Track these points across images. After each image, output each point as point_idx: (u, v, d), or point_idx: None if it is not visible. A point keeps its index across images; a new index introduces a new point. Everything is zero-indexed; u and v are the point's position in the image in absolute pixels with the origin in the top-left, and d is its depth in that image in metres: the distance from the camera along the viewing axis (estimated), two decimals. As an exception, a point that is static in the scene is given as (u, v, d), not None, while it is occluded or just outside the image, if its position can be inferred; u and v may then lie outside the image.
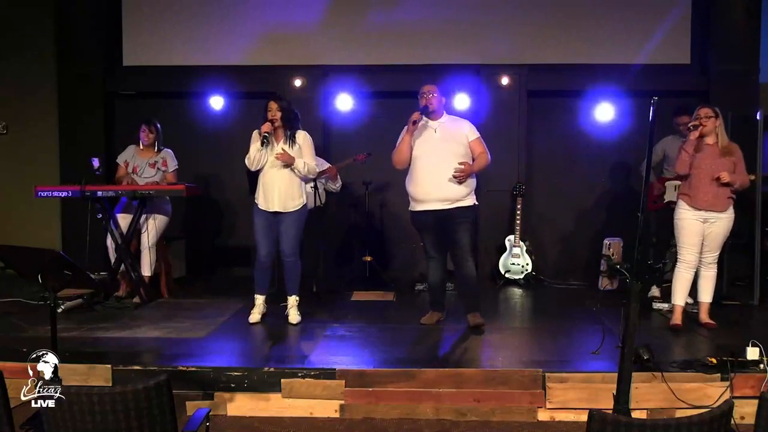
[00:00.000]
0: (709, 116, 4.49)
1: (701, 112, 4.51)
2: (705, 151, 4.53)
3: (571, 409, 3.62)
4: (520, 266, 6.34)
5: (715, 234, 4.58)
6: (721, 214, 4.54)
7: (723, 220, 4.56)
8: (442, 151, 4.51)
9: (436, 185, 4.49)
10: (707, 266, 4.65)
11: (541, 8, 6.67)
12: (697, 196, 4.53)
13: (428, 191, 4.52)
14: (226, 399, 3.70)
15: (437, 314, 4.82)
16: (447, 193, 4.49)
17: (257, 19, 6.79)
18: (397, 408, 3.66)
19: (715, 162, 4.49)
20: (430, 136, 4.59)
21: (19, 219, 6.94)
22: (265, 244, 4.73)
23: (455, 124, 4.67)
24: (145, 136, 5.47)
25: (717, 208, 4.52)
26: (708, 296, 4.69)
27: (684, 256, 4.60)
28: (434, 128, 4.61)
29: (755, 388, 3.60)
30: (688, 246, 4.59)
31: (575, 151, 6.82)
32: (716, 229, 4.56)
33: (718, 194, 4.51)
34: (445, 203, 4.51)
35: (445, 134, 4.58)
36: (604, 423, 1.88)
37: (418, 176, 4.56)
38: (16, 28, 7.00)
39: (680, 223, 4.61)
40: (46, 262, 2.96)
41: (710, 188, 4.49)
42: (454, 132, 4.59)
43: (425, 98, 4.60)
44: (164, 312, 5.20)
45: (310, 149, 4.75)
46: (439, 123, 4.63)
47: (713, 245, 4.61)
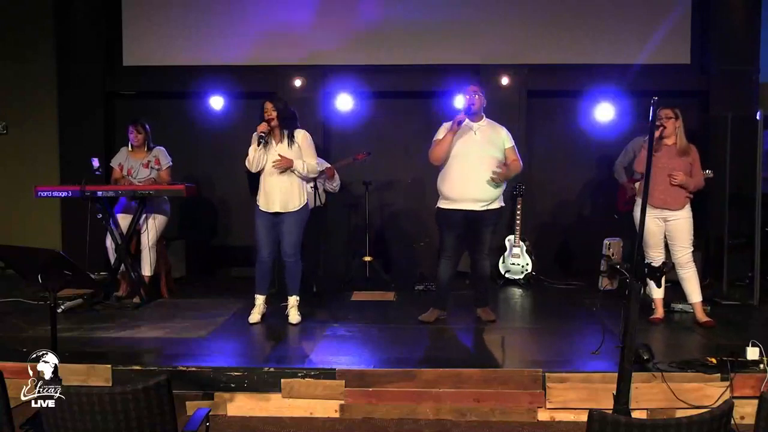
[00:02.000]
0: (669, 117, 4.55)
1: (662, 113, 4.54)
2: (663, 150, 4.58)
3: (571, 409, 3.62)
4: (520, 266, 6.34)
5: (677, 230, 4.61)
6: (677, 212, 4.58)
7: (681, 219, 4.60)
8: (481, 153, 4.55)
9: (472, 186, 4.54)
10: (684, 266, 4.65)
11: (541, 8, 6.67)
12: (653, 194, 4.51)
13: (463, 191, 4.56)
14: (226, 399, 3.70)
15: (438, 311, 4.84)
16: (481, 195, 4.56)
17: (257, 19, 6.79)
18: (397, 408, 3.66)
19: (671, 161, 4.54)
20: (469, 138, 4.61)
21: (19, 219, 6.93)
22: (266, 244, 4.73)
23: (494, 128, 4.72)
24: (134, 136, 5.46)
25: (671, 206, 4.57)
26: (696, 296, 4.69)
27: (649, 255, 4.66)
28: (474, 130, 4.63)
29: (755, 388, 3.60)
30: (649, 247, 4.66)
31: (575, 151, 6.83)
32: (676, 225, 4.60)
33: (671, 193, 4.55)
34: (477, 204, 4.57)
35: (484, 137, 4.62)
36: (604, 423, 1.88)
37: (455, 175, 4.58)
38: (16, 28, 6.99)
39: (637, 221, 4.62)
40: (46, 262, 2.96)
41: (665, 186, 4.54)
42: (493, 136, 4.65)
43: (469, 97, 4.63)
44: (164, 312, 5.20)
45: (310, 148, 4.74)
46: (478, 125, 4.66)
47: (679, 243, 4.62)
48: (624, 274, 2.97)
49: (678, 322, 4.88)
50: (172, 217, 5.73)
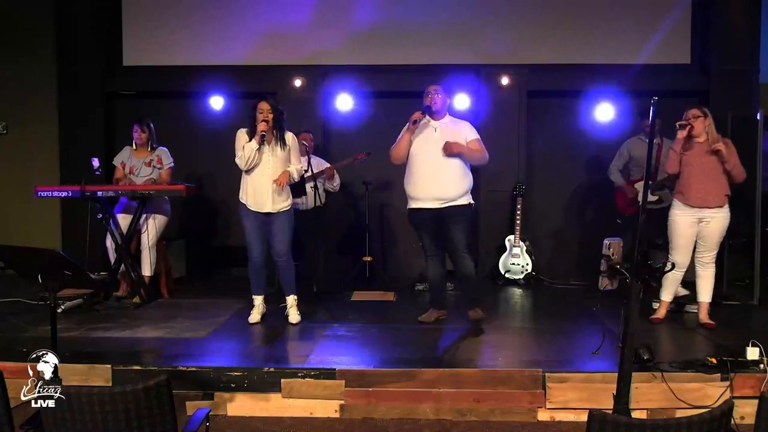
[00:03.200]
0: (697, 116, 4.52)
1: (689, 113, 4.53)
2: (695, 148, 4.54)
3: (571, 409, 3.62)
4: (520, 266, 6.34)
5: (711, 232, 4.56)
6: (715, 211, 4.53)
7: (718, 218, 4.54)
8: (440, 150, 4.51)
9: (433, 184, 4.52)
10: (705, 266, 4.65)
11: (541, 8, 6.67)
12: (690, 193, 4.52)
13: (425, 190, 4.55)
14: (226, 399, 3.70)
15: (437, 312, 4.83)
16: (443, 193, 4.53)
17: (257, 19, 6.79)
18: (397, 408, 3.66)
19: (705, 158, 4.49)
20: (429, 135, 4.60)
21: (19, 219, 6.93)
22: (257, 245, 4.72)
23: (455, 125, 4.69)
24: (137, 136, 5.48)
25: (710, 203, 4.51)
26: (707, 296, 4.68)
27: (674, 258, 4.57)
28: (435, 128, 4.62)
29: (755, 388, 3.60)
30: (679, 248, 4.60)
31: (575, 151, 6.82)
32: (711, 227, 4.55)
33: (710, 190, 4.50)
34: (440, 202, 4.54)
35: (444, 134, 4.58)
36: (604, 423, 1.88)
37: (415, 174, 4.59)
38: (16, 28, 6.99)
39: (673, 224, 4.62)
40: (46, 262, 2.96)
41: (702, 185, 4.50)
42: (454, 132, 4.60)
43: (429, 97, 4.62)
44: (164, 312, 5.20)
45: (297, 150, 4.79)
46: (440, 123, 4.65)
47: (710, 244, 4.59)
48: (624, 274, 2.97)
49: (678, 322, 4.88)
50: (172, 217, 5.73)
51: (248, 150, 4.56)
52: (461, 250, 4.60)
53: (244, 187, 4.71)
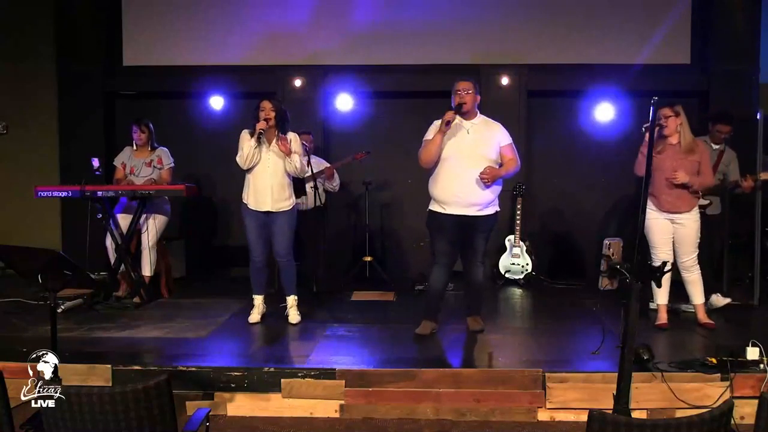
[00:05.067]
0: (668, 116, 4.39)
1: (661, 112, 4.36)
2: (667, 151, 4.45)
3: (571, 409, 3.62)
4: (520, 266, 6.34)
5: (684, 235, 4.52)
6: (686, 215, 4.49)
7: (690, 221, 4.50)
8: (474, 154, 4.26)
9: (465, 190, 4.25)
10: (689, 270, 4.59)
11: (541, 8, 6.67)
12: (660, 198, 4.47)
13: (455, 195, 4.28)
14: (226, 399, 3.70)
15: (431, 324, 4.55)
16: (474, 199, 4.27)
17: (257, 19, 6.79)
18: (397, 408, 3.66)
19: (676, 162, 4.40)
20: (462, 138, 4.31)
21: (19, 219, 6.93)
22: (258, 244, 4.72)
23: (488, 126, 4.42)
24: (137, 136, 5.47)
25: (680, 209, 4.47)
26: (699, 298, 4.66)
27: (659, 256, 4.51)
28: (467, 129, 4.33)
29: (755, 388, 3.60)
30: (660, 245, 4.53)
31: (575, 151, 6.82)
32: (684, 230, 4.51)
33: (679, 195, 4.44)
34: (471, 209, 4.30)
35: (477, 136, 4.32)
36: (604, 423, 1.88)
37: (446, 178, 4.30)
38: (16, 28, 7.00)
39: (648, 223, 4.49)
40: (46, 262, 2.96)
41: (671, 190, 4.43)
42: (487, 135, 4.35)
43: (459, 96, 4.28)
44: (164, 312, 5.20)
45: (300, 150, 4.78)
46: (471, 123, 4.36)
47: (686, 248, 4.54)
48: (624, 274, 2.96)
49: (678, 322, 4.87)
50: (172, 217, 5.73)
51: (246, 148, 4.56)
52: (479, 259, 4.47)
53: (246, 187, 4.72)
